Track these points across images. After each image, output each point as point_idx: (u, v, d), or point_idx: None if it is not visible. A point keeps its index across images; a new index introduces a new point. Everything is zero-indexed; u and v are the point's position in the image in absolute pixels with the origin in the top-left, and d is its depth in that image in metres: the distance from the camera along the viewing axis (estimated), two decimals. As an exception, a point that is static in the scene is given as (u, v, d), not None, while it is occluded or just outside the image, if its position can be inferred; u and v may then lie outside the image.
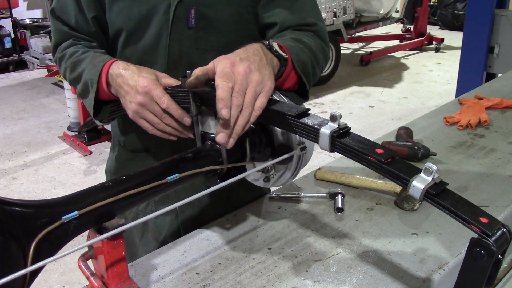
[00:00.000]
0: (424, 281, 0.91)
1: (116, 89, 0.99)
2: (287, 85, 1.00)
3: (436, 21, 8.80)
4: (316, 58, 1.06)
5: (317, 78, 1.10)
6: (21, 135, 4.64)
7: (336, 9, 5.66)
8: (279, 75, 0.94)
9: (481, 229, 0.60)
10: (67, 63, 1.10)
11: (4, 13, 6.54)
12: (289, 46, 0.99)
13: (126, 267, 0.79)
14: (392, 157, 0.69)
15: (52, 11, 1.15)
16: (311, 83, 1.06)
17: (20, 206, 0.67)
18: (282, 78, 0.96)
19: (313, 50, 1.06)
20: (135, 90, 0.94)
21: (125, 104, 0.97)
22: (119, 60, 1.02)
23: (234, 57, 0.84)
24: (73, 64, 1.08)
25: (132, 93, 0.94)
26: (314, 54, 1.06)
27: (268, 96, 0.84)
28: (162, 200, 1.20)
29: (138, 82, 0.93)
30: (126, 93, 0.96)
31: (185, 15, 1.05)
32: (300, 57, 1.00)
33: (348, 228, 1.08)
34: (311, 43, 1.06)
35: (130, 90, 0.95)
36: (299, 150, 0.90)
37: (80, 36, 1.13)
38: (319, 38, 1.11)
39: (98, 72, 1.00)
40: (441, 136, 1.56)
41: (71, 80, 1.11)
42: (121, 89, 0.97)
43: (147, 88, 0.92)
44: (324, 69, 1.15)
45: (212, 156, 0.89)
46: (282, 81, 0.97)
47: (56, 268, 2.72)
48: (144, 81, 0.93)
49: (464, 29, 3.89)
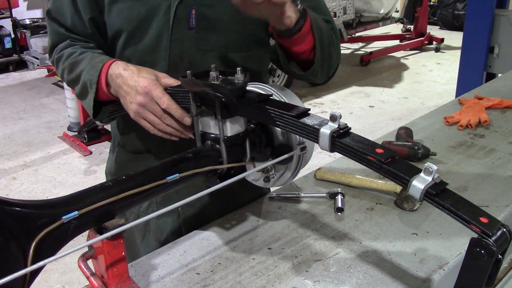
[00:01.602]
0: (424, 281, 0.91)
1: (116, 90, 0.99)
2: (303, 48, 1.00)
3: (436, 21, 8.79)
4: (332, 39, 1.08)
5: (332, 64, 1.11)
6: (21, 135, 4.64)
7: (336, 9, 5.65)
8: (298, 27, 0.94)
9: (481, 229, 0.60)
10: (64, 64, 1.10)
11: (4, 13, 6.53)
12: (311, 13, 0.99)
13: (126, 267, 0.79)
14: (392, 157, 0.69)
15: (48, 12, 1.14)
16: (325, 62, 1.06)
17: (20, 206, 0.67)
18: (300, 34, 0.96)
19: (330, 33, 1.08)
20: (135, 90, 0.94)
21: (126, 104, 0.98)
22: (119, 60, 1.02)
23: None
24: (71, 65, 1.08)
25: (132, 93, 0.95)
26: (330, 35, 1.08)
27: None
28: (163, 201, 1.19)
29: (138, 82, 0.94)
30: (126, 93, 0.96)
31: (186, 15, 1.05)
32: (318, 23, 1.01)
33: (348, 228, 1.08)
34: (328, 29, 1.08)
35: (130, 90, 0.95)
36: (299, 150, 0.90)
37: (77, 37, 1.13)
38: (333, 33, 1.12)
39: (98, 73, 1.00)
40: (441, 136, 1.56)
41: (69, 81, 1.10)
42: (121, 90, 0.97)
43: (147, 89, 0.93)
44: (338, 61, 1.16)
45: (212, 156, 0.89)
46: (299, 38, 0.97)
47: (56, 268, 2.72)
48: (144, 82, 0.93)
49: (464, 29, 3.89)
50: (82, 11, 1.09)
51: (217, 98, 0.84)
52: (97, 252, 0.78)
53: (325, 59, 1.05)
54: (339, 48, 1.15)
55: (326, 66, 1.08)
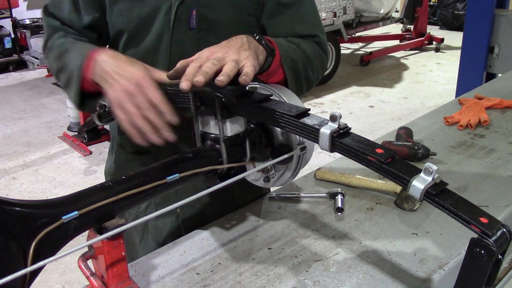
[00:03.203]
0: (424, 281, 0.91)
1: (101, 76, 0.92)
2: (277, 79, 1.00)
3: (436, 21, 8.79)
4: (310, 62, 1.07)
5: (311, 83, 1.11)
6: (21, 135, 4.64)
7: (336, 9, 5.65)
8: (266, 66, 0.94)
9: (481, 229, 0.60)
10: (54, 53, 1.05)
11: (4, 13, 6.53)
12: (280, 43, 0.99)
13: (126, 267, 0.79)
14: (392, 157, 0.69)
15: (45, 8, 1.12)
16: (303, 85, 1.06)
17: (20, 206, 0.67)
18: (270, 71, 0.96)
19: (307, 54, 1.07)
20: (127, 79, 0.88)
21: (109, 89, 0.91)
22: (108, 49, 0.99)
23: (215, 46, 0.86)
24: (60, 54, 1.03)
25: (121, 80, 0.88)
26: (308, 57, 1.06)
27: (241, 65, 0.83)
28: (162, 202, 1.19)
29: (132, 71, 0.89)
30: (114, 80, 0.89)
31: (187, 16, 1.05)
32: (290, 54, 1.00)
33: (348, 228, 1.08)
34: (307, 48, 1.07)
35: (119, 78, 0.89)
36: (299, 150, 0.90)
37: (72, 31, 1.10)
38: (319, 47, 1.12)
39: (82, 59, 0.95)
40: (441, 136, 1.56)
41: (57, 70, 1.04)
42: (108, 76, 0.90)
43: (141, 79, 0.87)
44: (320, 77, 1.15)
45: (212, 156, 0.89)
46: (270, 73, 0.97)
47: (56, 268, 2.72)
48: (138, 72, 0.88)
49: (464, 29, 3.89)
50: (87, 10, 1.08)
51: (217, 98, 0.84)
52: (97, 252, 0.78)
53: (301, 83, 1.05)
54: (323, 62, 1.14)
55: (304, 86, 1.08)
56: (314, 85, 1.14)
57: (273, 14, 1.10)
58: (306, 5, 1.13)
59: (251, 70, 0.83)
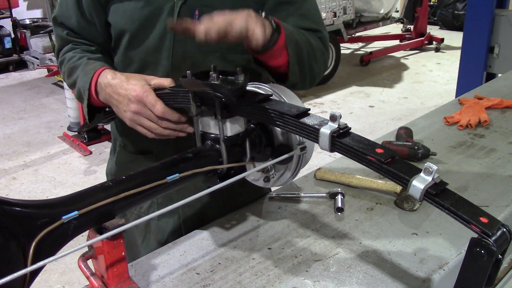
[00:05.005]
0: (424, 281, 0.91)
1: (106, 98, 1.01)
2: (280, 62, 0.99)
3: (436, 21, 8.79)
4: (314, 52, 1.06)
5: (314, 77, 1.10)
6: (21, 135, 4.64)
7: (336, 9, 5.65)
8: (272, 43, 0.93)
9: (481, 229, 0.60)
10: (65, 67, 1.12)
11: (4, 13, 6.53)
12: (285, 25, 0.98)
13: (126, 267, 0.79)
14: (392, 157, 0.69)
15: (54, 19, 1.17)
16: (306, 75, 1.05)
17: (20, 206, 0.67)
18: (274, 50, 0.95)
19: (312, 44, 1.06)
20: (127, 99, 0.95)
21: (120, 113, 0.99)
22: (107, 68, 1.03)
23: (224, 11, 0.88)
24: (69, 70, 1.10)
25: (124, 102, 0.95)
26: (312, 47, 1.06)
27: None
28: (164, 202, 1.19)
29: (129, 90, 0.94)
30: (118, 102, 0.97)
31: (189, 16, 1.05)
32: (295, 36, 0.99)
33: (348, 228, 1.08)
34: (311, 40, 1.07)
35: (121, 99, 0.96)
36: (299, 150, 0.90)
37: (80, 40, 1.15)
38: (321, 43, 1.12)
39: (89, 80, 1.02)
40: (441, 136, 1.56)
41: (69, 85, 1.13)
42: (112, 99, 0.98)
43: (139, 96, 0.93)
44: (323, 73, 1.15)
45: (212, 156, 0.89)
46: (274, 53, 0.97)
47: (56, 268, 2.72)
48: (135, 89, 0.94)
49: (464, 29, 3.89)
50: (88, 13, 1.11)
51: (217, 98, 0.84)
52: (97, 252, 0.78)
53: (305, 72, 1.05)
54: (325, 58, 1.13)
55: (308, 78, 1.07)
56: (317, 81, 1.13)
57: (274, 12, 1.10)
58: (308, 2, 1.13)
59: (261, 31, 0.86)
